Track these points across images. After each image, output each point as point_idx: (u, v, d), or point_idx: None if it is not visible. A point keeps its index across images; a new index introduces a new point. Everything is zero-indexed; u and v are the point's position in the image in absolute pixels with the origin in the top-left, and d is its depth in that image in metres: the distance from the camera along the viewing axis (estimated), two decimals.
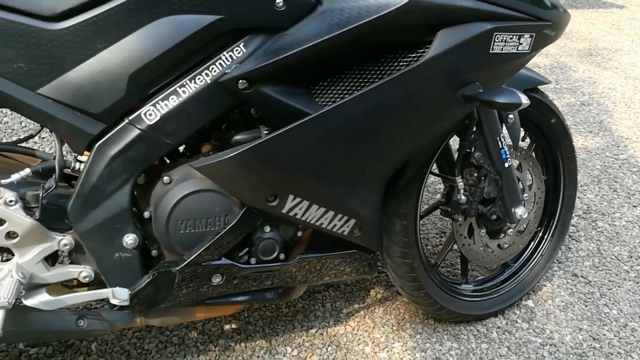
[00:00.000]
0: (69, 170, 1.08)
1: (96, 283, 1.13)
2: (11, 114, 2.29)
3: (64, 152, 1.06)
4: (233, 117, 1.17)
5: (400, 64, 1.11)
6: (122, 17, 0.99)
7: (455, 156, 1.43)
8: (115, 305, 1.09)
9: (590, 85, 3.59)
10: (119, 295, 1.04)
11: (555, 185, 1.68)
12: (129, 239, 1.08)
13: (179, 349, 1.46)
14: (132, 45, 1.00)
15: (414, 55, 1.10)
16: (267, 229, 1.18)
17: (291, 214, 1.15)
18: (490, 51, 1.14)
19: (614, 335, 1.64)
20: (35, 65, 0.97)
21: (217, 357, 1.44)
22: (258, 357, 1.46)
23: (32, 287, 1.02)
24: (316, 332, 1.56)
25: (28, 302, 1.00)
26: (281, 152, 1.09)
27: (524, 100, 1.13)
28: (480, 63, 1.14)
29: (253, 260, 1.18)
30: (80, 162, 1.08)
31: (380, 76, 1.11)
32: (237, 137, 1.14)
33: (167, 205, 1.08)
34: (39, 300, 1.01)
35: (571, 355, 1.56)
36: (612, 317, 1.71)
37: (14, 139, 1.87)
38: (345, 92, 1.12)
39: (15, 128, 2.26)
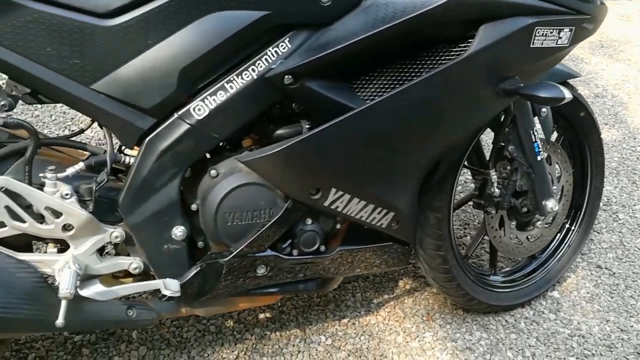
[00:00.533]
0: (117, 164, 1.09)
1: (142, 274, 1.15)
2: (41, 107, 2.30)
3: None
4: (274, 111, 1.17)
5: (443, 59, 1.11)
6: (172, 13, 0.99)
7: (487, 150, 1.43)
8: (164, 296, 1.10)
9: (603, 77, 3.56)
10: (171, 286, 1.05)
11: (583, 178, 1.68)
12: (178, 231, 1.09)
13: (217, 337, 1.47)
14: (182, 41, 1.00)
15: (456, 50, 1.10)
16: (309, 221, 1.19)
17: (333, 207, 1.16)
18: (531, 45, 1.13)
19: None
20: (89, 61, 0.97)
21: (254, 346, 1.45)
22: (293, 345, 1.47)
23: (86, 277, 1.04)
24: (348, 321, 1.56)
25: (83, 293, 1.01)
26: (326, 146, 1.09)
27: (567, 94, 1.12)
28: (521, 57, 1.14)
29: (295, 252, 1.19)
30: (128, 155, 1.08)
31: (422, 71, 1.11)
32: (279, 132, 1.14)
33: (215, 198, 1.09)
34: (94, 290, 1.02)
35: (600, 347, 1.56)
36: (639, 308, 1.71)
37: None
38: (386, 86, 1.12)
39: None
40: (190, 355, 1.41)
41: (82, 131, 1.15)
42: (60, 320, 0.95)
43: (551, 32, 1.14)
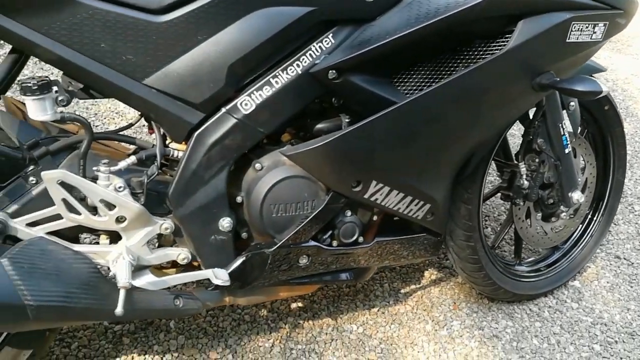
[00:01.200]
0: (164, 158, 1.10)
1: (185, 265, 1.15)
2: (78, 103, 2.31)
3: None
4: (312, 106, 1.17)
5: (481, 54, 1.11)
6: (222, 9, 0.99)
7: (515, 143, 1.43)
8: (212, 285, 1.10)
9: (613, 71, 3.55)
10: (221, 275, 1.05)
11: (605, 170, 1.69)
12: (225, 222, 1.09)
13: (252, 326, 1.48)
14: (230, 37, 1.01)
15: (494, 45, 1.10)
16: (348, 213, 1.19)
17: (372, 199, 1.16)
18: (567, 40, 1.14)
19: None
20: (142, 56, 0.98)
21: (288, 334, 1.47)
22: (326, 333, 1.48)
23: (138, 268, 1.04)
24: (378, 311, 1.58)
25: (136, 283, 1.02)
26: (369, 139, 1.10)
27: (604, 88, 1.13)
28: (557, 52, 1.14)
29: (335, 243, 1.20)
30: (175, 149, 1.09)
31: (460, 66, 1.11)
32: (319, 126, 1.15)
33: (261, 190, 1.10)
34: (146, 280, 1.03)
35: (622, 334, 1.57)
36: None
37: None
38: (425, 81, 1.13)
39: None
40: (228, 344, 1.42)
41: (130, 125, 1.16)
42: (119, 309, 0.96)
43: (586, 27, 1.15)
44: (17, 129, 1.01)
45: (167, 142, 1.15)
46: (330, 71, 1.05)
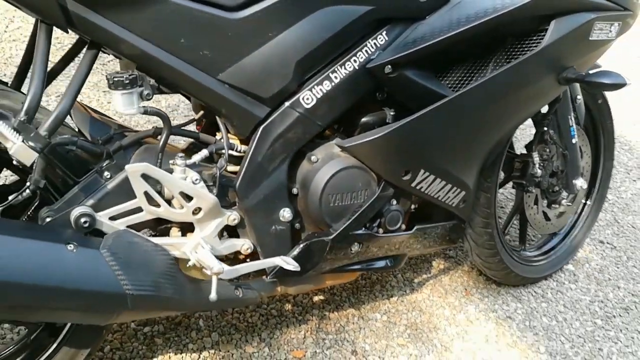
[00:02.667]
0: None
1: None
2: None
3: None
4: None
5: (517, 51, 1.27)
6: (290, 7, 1.09)
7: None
8: (273, 273, 1.20)
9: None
10: (290, 262, 1.15)
11: (596, 160, 1.91)
12: (286, 213, 1.19)
13: (281, 320, 1.58)
14: (298, 34, 1.11)
15: (528, 43, 1.27)
16: (394, 202, 1.32)
17: (418, 187, 1.30)
18: (590, 38, 1.32)
19: (623, 297, 1.89)
20: (217, 52, 1.06)
21: (317, 325, 1.58)
22: (353, 323, 1.60)
23: None
24: (397, 300, 1.72)
25: (209, 272, 1.09)
26: (420, 130, 1.23)
27: (627, 81, 1.32)
28: (582, 49, 1.33)
29: (381, 231, 1.32)
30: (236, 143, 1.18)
31: (497, 63, 1.27)
32: (365, 119, 1.28)
33: (320, 181, 1.20)
34: (218, 268, 1.11)
35: (618, 309, 1.80)
36: (636, 276, 1.97)
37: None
38: (465, 77, 1.28)
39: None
40: (262, 337, 1.51)
41: (193, 120, 1.23)
42: (213, 295, 1.03)
43: (605, 26, 1.34)
44: (88, 125, 1.06)
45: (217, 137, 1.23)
46: (387, 66, 1.18)
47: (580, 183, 1.69)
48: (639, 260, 2.05)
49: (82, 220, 0.98)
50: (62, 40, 2.64)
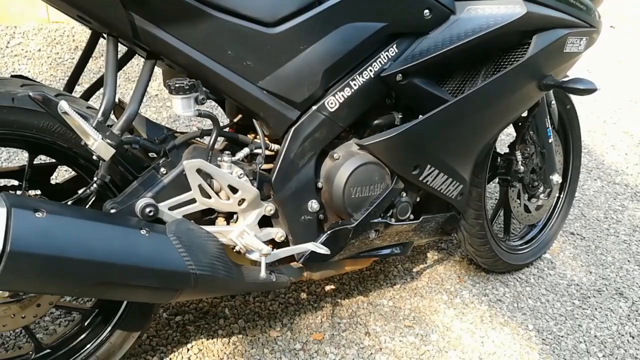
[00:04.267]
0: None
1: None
2: None
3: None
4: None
5: (504, 61, 1.44)
6: (318, 24, 1.23)
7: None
8: (305, 258, 1.32)
9: None
10: (322, 247, 1.27)
11: (566, 158, 2.09)
12: (314, 204, 1.32)
13: (298, 307, 1.69)
14: (324, 47, 1.25)
15: (513, 54, 1.44)
16: (404, 194, 1.46)
17: (425, 180, 1.45)
18: (564, 50, 1.50)
19: (616, 275, 2.07)
20: (258, 62, 1.19)
21: (332, 311, 1.69)
22: (363, 308, 1.73)
23: None
24: (400, 287, 1.85)
25: (252, 257, 1.21)
26: (427, 131, 1.38)
27: (598, 86, 1.50)
28: (558, 59, 1.51)
29: (393, 220, 1.46)
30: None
31: (492, 71, 1.43)
32: (377, 122, 1.42)
33: (343, 175, 1.33)
34: (257, 255, 1.22)
35: (592, 291, 1.97)
36: (609, 262, 2.16)
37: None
38: (463, 83, 1.44)
39: None
40: (283, 323, 1.62)
41: (233, 124, 1.34)
42: (263, 274, 1.14)
43: (576, 41, 1.52)
44: (145, 126, 1.17)
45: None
46: (398, 75, 1.33)
47: (557, 178, 1.87)
48: (606, 249, 2.24)
49: (148, 210, 1.08)
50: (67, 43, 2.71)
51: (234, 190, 1.19)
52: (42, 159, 1.43)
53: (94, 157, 1.03)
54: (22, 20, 3.09)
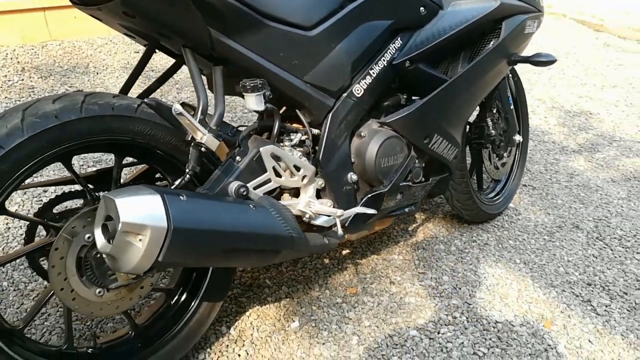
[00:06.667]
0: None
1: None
2: None
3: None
4: None
5: (482, 45, 1.71)
6: (343, 25, 1.44)
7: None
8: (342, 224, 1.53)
9: None
10: (367, 209, 1.48)
11: (518, 121, 2.42)
12: (353, 176, 1.53)
13: (327, 271, 1.90)
14: (349, 43, 1.46)
15: (488, 38, 1.72)
16: (417, 160, 1.70)
17: (432, 147, 1.69)
18: (525, 32, 1.79)
19: (568, 213, 2.43)
20: (302, 60, 1.38)
21: (355, 270, 1.92)
22: (380, 264, 1.96)
23: None
24: (403, 243, 2.10)
25: (318, 222, 1.40)
26: (433, 106, 1.62)
27: (555, 58, 1.80)
28: (520, 39, 1.80)
29: (411, 182, 1.69)
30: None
31: (474, 54, 1.70)
32: (386, 103, 1.64)
33: (373, 149, 1.54)
34: (322, 220, 1.42)
35: (554, 227, 2.32)
36: (560, 204, 2.52)
37: None
38: (450, 66, 1.70)
39: None
40: (319, 284, 1.83)
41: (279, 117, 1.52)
42: (340, 232, 1.35)
43: (531, 23, 1.82)
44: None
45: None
46: (407, 62, 1.56)
47: (518, 137, 2.19)
48: (554, 194, 2.61)
49: (241, 190, 1.25)
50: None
51: (297, 169, 1.38)
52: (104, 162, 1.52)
53: (191, 149, 1.18)
54: None
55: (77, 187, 1.37)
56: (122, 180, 1.34)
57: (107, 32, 3.87)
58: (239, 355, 1.54)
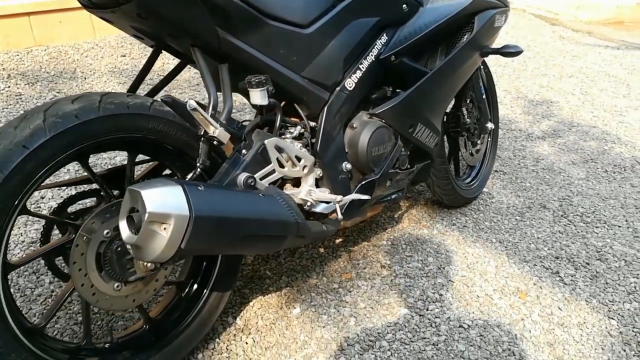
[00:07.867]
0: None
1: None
2: None
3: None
4: None
5: (457, 38, 1.82)
6: (335, 23, 1.51)
7: None
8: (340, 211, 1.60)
9: None
10: (362, 195, 1.56)
11: (490, 109, 2.55)
12: (347, 165, 1.60)
13: (322, 259, 1.97)
14: (342, 40, 1.53)
15: (462, 32, 1.82)
16: (403, 149, 1.79)
17: (416, 136, 1.79)
18: (494, 25, 1.91)
19: (536, 194, 2.58)
20: (300, 57, 1.44)
21: (348, 257, 1.99)
22: (371, 250, 2.05)
23: None
24: (390, 230, 2.19)
25: (318, 209, 1.47)
26: (418, 97, 1.71)
27: (522, 49, 1.92)
28: (491, 32, 1.91)
29: (398, 169, 1.78)
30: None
31: (451, 47, 1.80)
32: (374, 95, 1.73)
33: (364, 139, 1.62)
34: (322, 207, 1.49)
35: (525, 208, 2.45)
36: (528, 187, 2.66)
37: None
38: (428, 58, 1.79)
39: None
40: (316, 272, 1.89)
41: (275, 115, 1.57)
42: (340, 216, 1.41)
43: (500, 17, 1.94)
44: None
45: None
46: (392, 56, 1.64)
47: (490, 125, 2.31)
48: (523, 178, 2.75)
49: (250, 181, 1.30)
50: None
51: (298, 159, 1.44)
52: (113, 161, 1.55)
53: (202, 144, 1.23)
54: None
55: (83, 187, 1.40)
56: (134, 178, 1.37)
57: (93, 36, 3.82)
58: (247, 343, 1.59)
